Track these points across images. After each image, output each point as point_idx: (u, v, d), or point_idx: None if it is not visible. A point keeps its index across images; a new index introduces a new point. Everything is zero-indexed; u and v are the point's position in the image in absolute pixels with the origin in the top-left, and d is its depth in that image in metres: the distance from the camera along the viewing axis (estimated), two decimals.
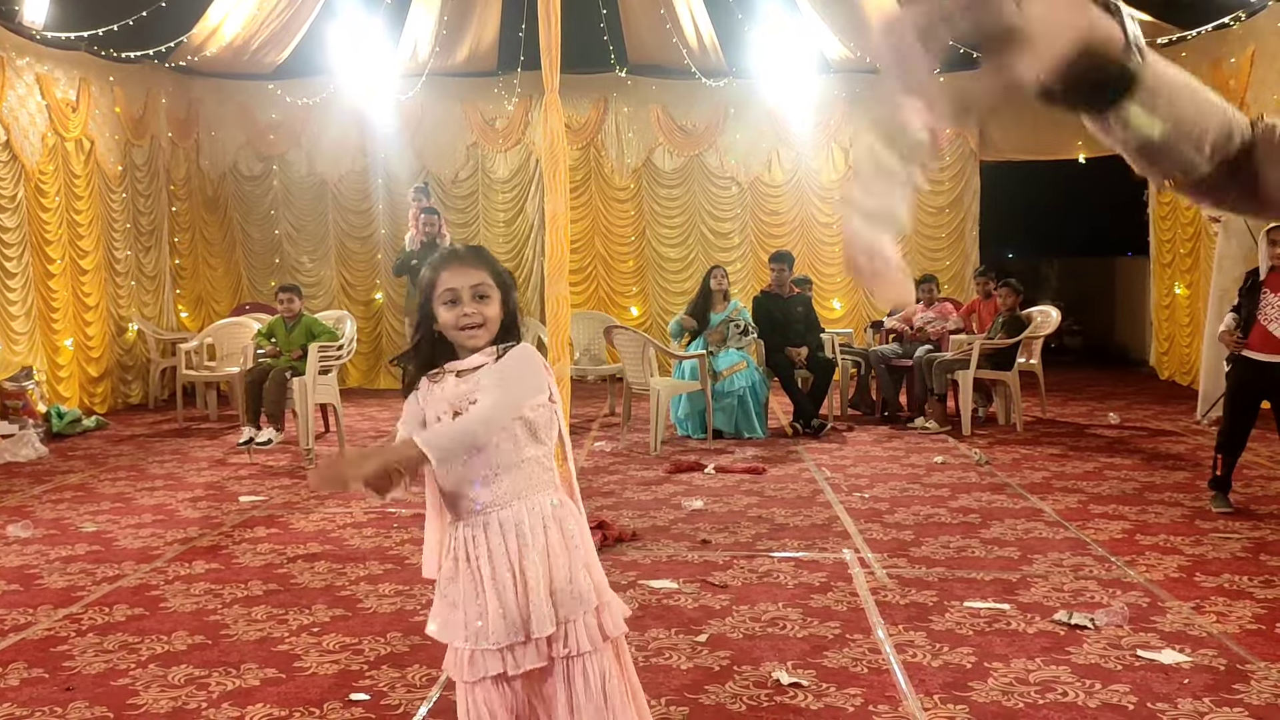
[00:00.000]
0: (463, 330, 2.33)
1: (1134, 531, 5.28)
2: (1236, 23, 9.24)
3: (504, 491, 2.32)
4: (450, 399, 2.32)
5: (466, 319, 2.32)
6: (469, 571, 2.31)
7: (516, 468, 2.32)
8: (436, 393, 2.35)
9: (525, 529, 2.31)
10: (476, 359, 2.35)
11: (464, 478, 2.32)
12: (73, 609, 4.36)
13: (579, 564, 2.34)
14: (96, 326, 10.16)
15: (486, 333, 2.34)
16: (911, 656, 3.70)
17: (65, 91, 9.75)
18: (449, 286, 2.34)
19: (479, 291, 2.34)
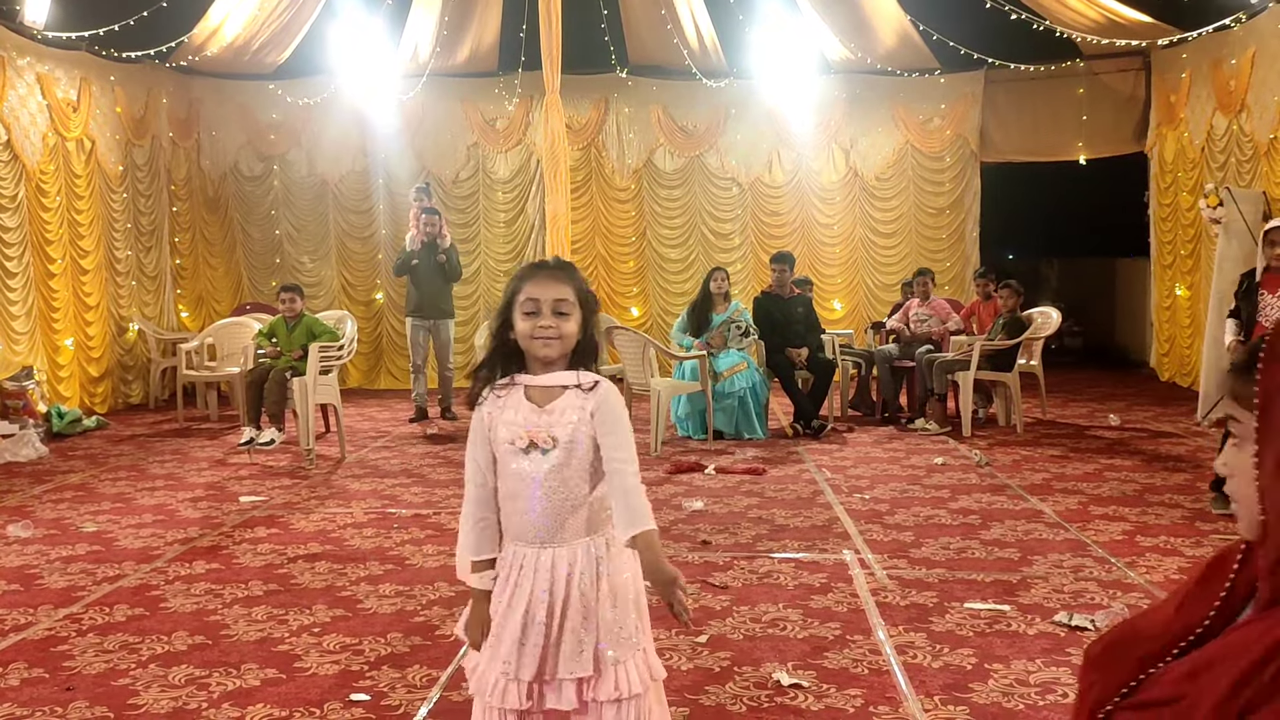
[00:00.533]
0: (536, 340, 2.29)
1: (1134, 533, 5.28)
2: (1237, 24, 9.25)
3: (565, 529, 2.30)
4: (528, 427, 2.28)
5: (543, 330, 2.28)
6: (507, 595, 2.30)
7: (582, 507, 2.31)
8: (510, 415, 2.31)
9: (577, 570, 2.29)
10: (555, 378, 2.32)
11: (524, 502, 2.30)
12: (73, 609, 4.36)
13: (629, 606, 2.32)
14: (97, 326, 10.16)
15: (561, 347, 2.30)
16: (912, 658, 3.70)
17: (66, 91, 9.76)
18: (531, 296, 2.30)
19: (559, 307, 2.29)
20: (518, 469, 2.30)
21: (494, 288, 12.20)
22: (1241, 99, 9.36)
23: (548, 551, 2.30)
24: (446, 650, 3.85)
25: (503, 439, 2.31)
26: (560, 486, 2.28)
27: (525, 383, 2.33)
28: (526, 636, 2.26)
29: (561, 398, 2.30)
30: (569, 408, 2.29)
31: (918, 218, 12.03)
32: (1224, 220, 8.51)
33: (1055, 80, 11.59)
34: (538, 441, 2.27)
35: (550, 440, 2.27)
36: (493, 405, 2.35)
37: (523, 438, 2.28)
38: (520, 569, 2.31)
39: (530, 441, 2.27)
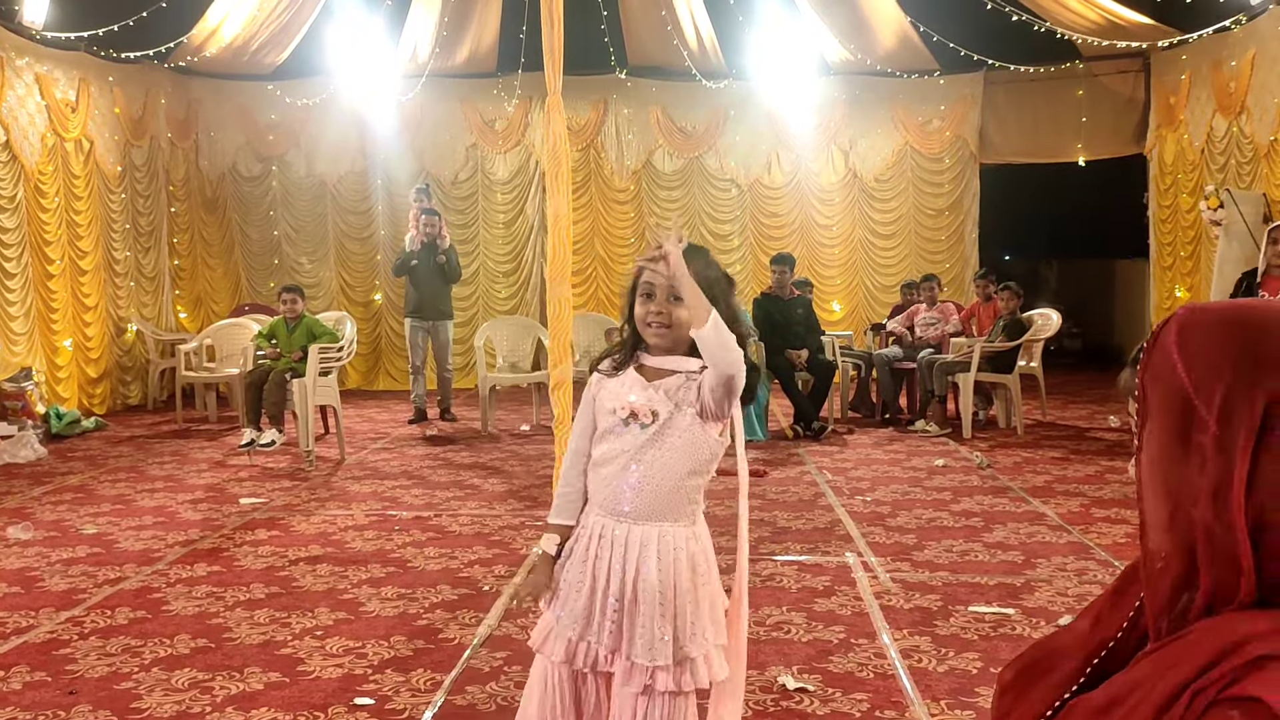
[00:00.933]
0: (649, 326, 2.25)
1: (1137, 536, 5.26)
2: (1237, 26, 9.25)
3: (647, 506, 2.25)
4: (630, 399, 2.24)
5: (655, 316, 2.24)
6: (589, 565, 2.27)
7: (670, 489, 2.25)
8: (615, 385, 2.29)
9: (651, 555, 2.24)
10: (671, 361, 2.26)
11: (614, 470, 2.27)
12: (74, 611, 4.34)
13: (704, 602, 2.28)
14: (95, 327, 10.14)
15: (672, 334, 2.24)
16: (917, 661, 3.69)
17: (65, 92, 9.73)
18: (648, 280, 2.25)
19: (675, 292, 2.21)
20: (614, 439, 2.27)
21: (493, 289, 12.20)
22: (1241, 101, 9.36)
23: (633, 527, 2.25)
24: (450, 654, 3.84)
25: (605, 406, 2.29)
26: (654, 463, 2.23)
27: (642, 360, 2.31)
28: (604, 609, 2.24)
29: (671, 378, 2.26)
30: (677, 388, 2.24)
31: (917, 219, 12.03)
32: (1225, 222, 8.52)
33: (1054, 82, 11.60)
34: (638, 413, 2.23)
35: (650, 415, 2.23)
36: (605, 373, 2.33)
37: (624, 408, 2.24)
38: (600, 539, 2.27)
39: (630, 413, 2.24)
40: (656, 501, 2.25)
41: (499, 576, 4.77)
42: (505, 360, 9.47)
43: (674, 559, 2.25)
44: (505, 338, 9.55)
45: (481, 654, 3.84)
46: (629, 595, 2.23)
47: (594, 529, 2.30)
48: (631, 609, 2.23)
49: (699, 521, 2.32)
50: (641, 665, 2.22)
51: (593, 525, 2.30)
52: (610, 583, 2.25)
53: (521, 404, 10.28)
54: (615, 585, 2.24)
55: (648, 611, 2.22)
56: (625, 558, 2.25)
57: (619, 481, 2.26)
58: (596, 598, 2.25)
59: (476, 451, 7.94)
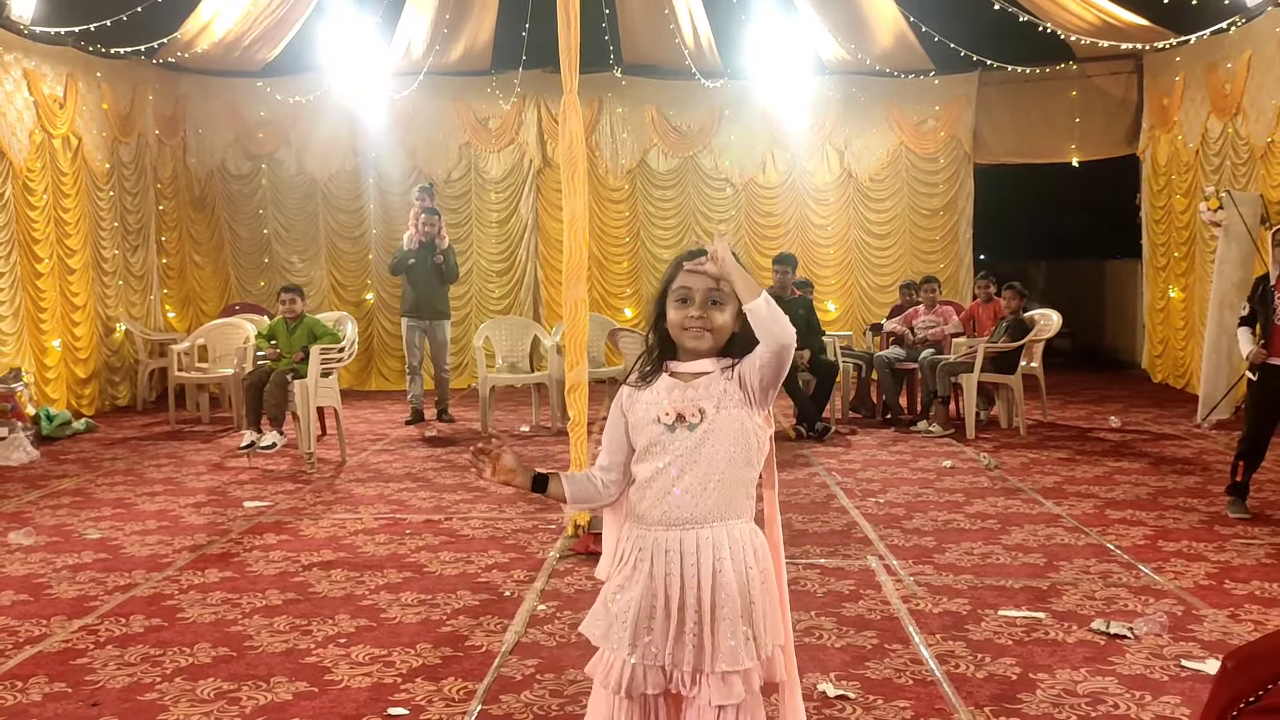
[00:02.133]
0: (686, 330, 2.21)
1: (1155, 537, 5.27)
2: (1233, 28, 9.28)
3: (710, 507, 2.20)
4: (673, 403, 2.20)
5: (693, 320, 2.20)
6: (648, 584, 2.19)
7: (730, 485, 2.21)
8: (650, 394, 2.24)
9: (725, 554, 2.19)
10: (699, 364, 2.24)
11: (668, 481, 2.20)
12: (88, 620, 4.24)
13: (771, 598, 2.24)
14: (84, 327, 9.98)
15: (712, 340, 2.21)
16: (955, 667, 3.65)
17: (53, 88, 9.56)
18: (684, 284, 2.22)
19: (714, 296, 2.20)
20: (662, 450, 2.21)
21: (486, 288, 12.11)
22: (1237, 102, 9.40)
23: (701, 532, 2.20)
24: (479, 661, 3.77)
25: (646, 417, 2.23)
26: (712, 461, 2.19)
27: (671, 367, 2.27)
28: (680, 626, 2.17)
29: (705, 377, 2.23)
30: (714, 382, 2.22)
31: (912, 219, 12.03)
32: (1224, 223, 8.54)
33: (1048, 82, 11.62)
34: (685, 415, 2.19)
35: (698, 413, 2.19)
36: (636, 385, 2.28)
37: (669, 413, 2.20)
38: (667, 554, 2.20)
39: (678, 415, 2.20)
40: (720, 500, 2.21)
41: (519, 581, 4.70)
42: (504, 360, 9.39)
43: (744, 556, 2.22)
44: (504, 338, 9.47)
45: (511, 661, 3.77)
46: (708, 604, 2.17)
47: (655, 546, 2.22)
48: (713, 618, 2.17)
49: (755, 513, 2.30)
50: (727, 674, 2.16)
51: (653, 543, 2.22)
52: (686, 596, 2.18)
53: (519, 404, 10.20)
54: (693, 598, 2.18)
55: (729, 616, 2.17)
56: (700, 564, 2.19)
57: (677, 489, 2.20)
58: (672, 617, 2.18)
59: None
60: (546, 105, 11.77)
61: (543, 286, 12.14)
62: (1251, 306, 5.63)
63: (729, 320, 2.22)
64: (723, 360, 2.23)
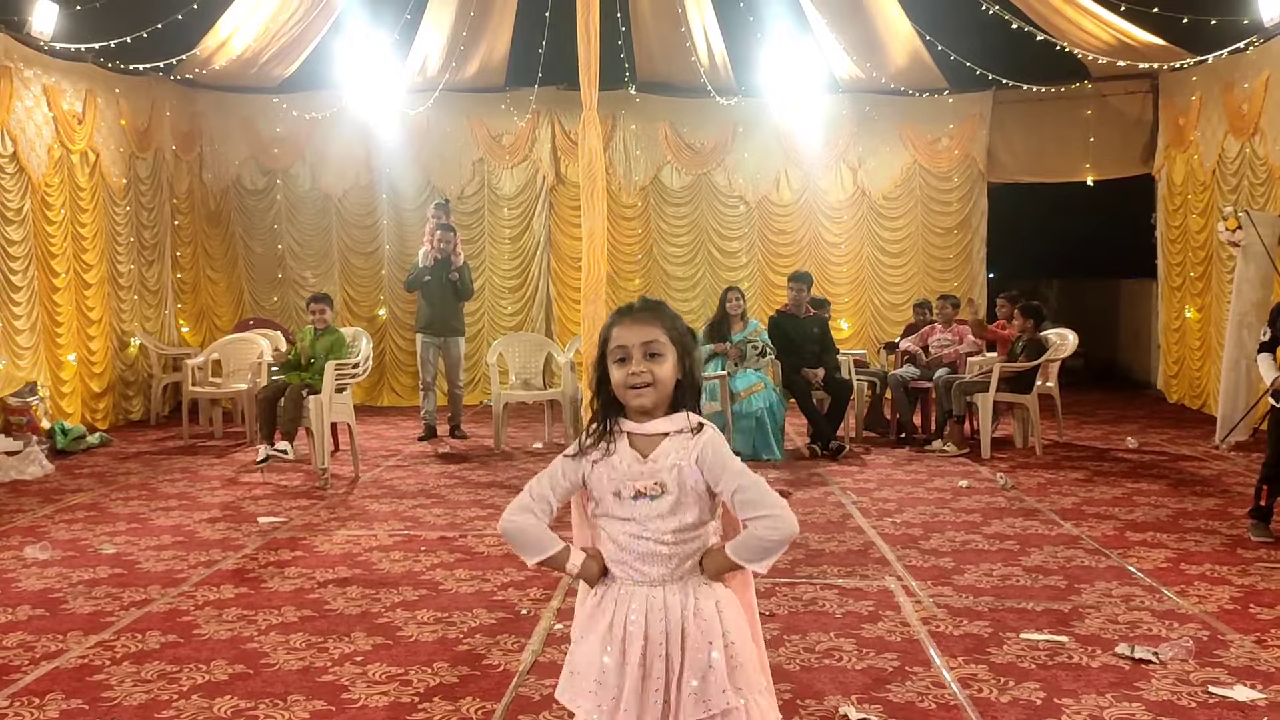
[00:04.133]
0: (630, 389, 2.22)
1: (1177, 560, 5.22)
2: (1251, 48, 9.26)
3: (680, 569, 2.24)
4: (632, 478, 2.22)
5: (635, 377, 2.21)
6: (609, 640, 2.22)
7: (695, 545, 2.25)
8: (613, 464, 2.24)
9: (692, 607, 2.22)
10: (657, 425, 2.25)
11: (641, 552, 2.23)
12: (104, 635, 4.23)
13: (749, 643, 2.26)
14: (99, 341, 10.00)
15: (655, 393, 2.23)
16: (978, 691, 3.61)
17: (72, 103, 9.62)
18: (619, 343, 2.23)
19: (650, 349, 2.22)
20: (627, 517, 2.24)
21: (498, 305, 12.11)
22: (1255, 123, 9.36)
23: (659, 590, 2.23)
24: (497, 681, 3.74)
25: (607, 490, 2.25)
26: (674, 530, 2.23)
27: (628, 430, 2.26)
28: (646, 682, 2.18)
29: (664, 443, 2.24)
30: (671, 452, 2.23)
31: (925, 237, 12.01)
32: (1242, 243, 8.50)
33: (1063, 101, 11.60)
34: (645, 490, 2.22)
35: (657, 487, 2.22)
36: (595, 454, 2.27)
37: (629, 488, 2.22)
38: (631, 606, 2.23)
39: (637, 490, 2.22)
40: (684, 563, 2.25)
41: (535, 600, 4.67)
42: (518, 377, 9.38)
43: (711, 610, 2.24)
44: (517, 354, 9.46)
45: (530, 681, 3.74)
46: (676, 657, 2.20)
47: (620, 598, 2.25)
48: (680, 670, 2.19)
49: None
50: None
51: (618, 594, 2.26)
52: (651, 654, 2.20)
53: (531, 421, 10.18)
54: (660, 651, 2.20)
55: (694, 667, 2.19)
56: (667, 621, 2.21)
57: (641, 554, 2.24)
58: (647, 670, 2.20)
59: (492, 470, 7.84)
60: (560, 122, 11.80)
61: (555, 303, 12.15)
62: (1274, 332, 5.58)
63: (669, 371, 2.23)
64: (676, 419, 2.25)
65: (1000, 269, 13.58)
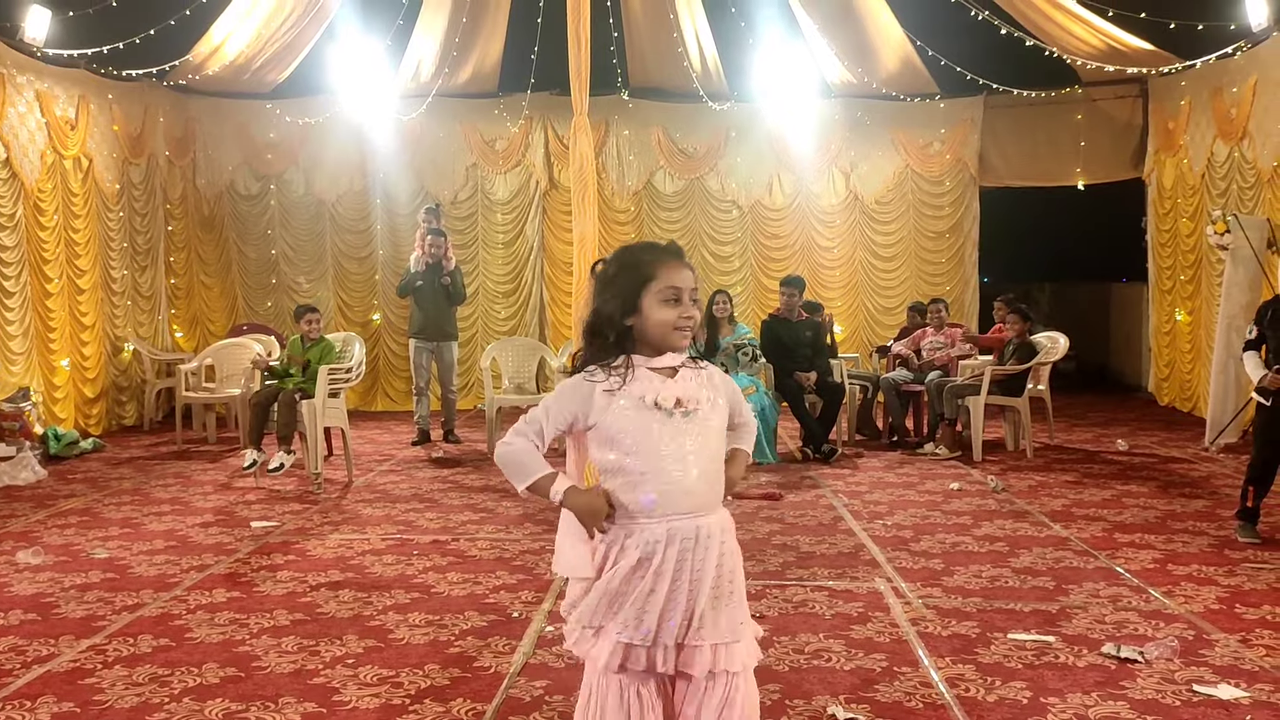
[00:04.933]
0: (677, 330, 2.28)
1: (1165, 561, 5.25)
2: (1239, 52, 9.32)
3: (711, 494, 2.33)
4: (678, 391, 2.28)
5: (685, 320, 2.28)
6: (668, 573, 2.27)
7: (720, 472, 2.36)
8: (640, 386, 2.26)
9: (723, 537, 2.33)
10: (665, 360, 2.32)
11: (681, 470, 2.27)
12: (95, 639, 4.24)
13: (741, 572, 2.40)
14: (93, 347, 10.01)
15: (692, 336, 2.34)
16: (965, 691, 3.64)
17: (64, 109, 9.64)
18: (673, 284, 2.27)
19: (693, 295, 2.31)
20: (663, 430, 2.26)
21: (492, 310, 12.14)
22: (1243, 127, 9.42)
23: (700, 521, 2.30)
24: (488, 683, 3.76)
25: (641, 405, 2.25)
26: (705, 446, 2.30)
27: (641, 364, 2.30)
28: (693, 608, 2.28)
29: (681, 372, 2.32)
30: (693, 377, 2.33)
31: (918, 241, 12.05)
32: (1231, 246, 8.55)
33: (1054, 106, 11.66)
34: (684, 400, 2.27)
35: (695, 401, 2.29)
36: (612, 379, 2.27)
37: (668, 398, 2.26)
38: (681, 542, 2.28)
39: (677, 399, 2.27)
40: (714, 487, 2.33)
41: (527, 603, 4.69)
42: (511, 381, 9.40)
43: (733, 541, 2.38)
44: (510, 359, 9.48)
45: (520, 683, 3.76)
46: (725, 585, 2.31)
47: (667, 536, 2.27)
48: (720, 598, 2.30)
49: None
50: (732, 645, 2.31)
51: (657, 535, 2.27)
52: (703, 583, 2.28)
53: None
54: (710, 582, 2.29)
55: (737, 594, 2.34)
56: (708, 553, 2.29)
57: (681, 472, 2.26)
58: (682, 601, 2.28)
59: (485, 474, 7.86)
60: (554, 127, 11.83)
61: (549, 308, 12.17)
62: (1260, 330, 5.62)
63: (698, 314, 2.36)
64: (679, 356, 2.33)
65: (992, 273, 13.65)
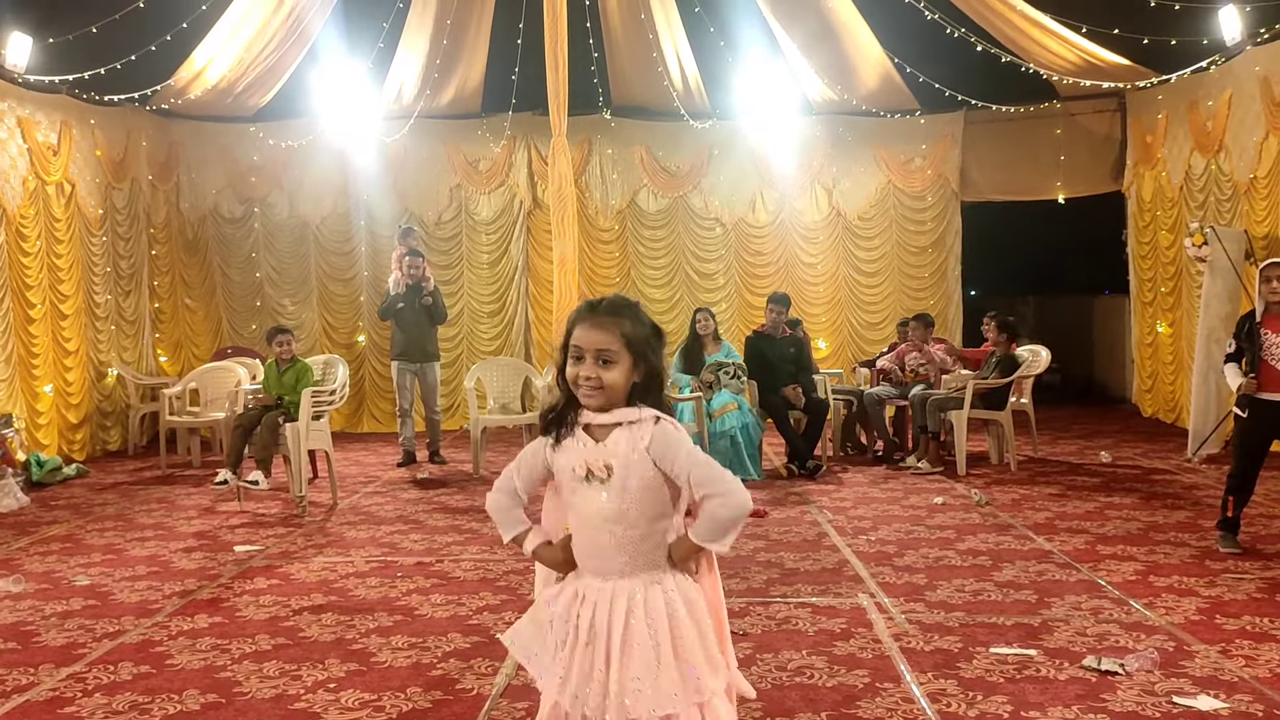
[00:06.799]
0: (579, 388, 2.31)
1: (1146, 573, 5.27)
2: (1213, 67, 9.42)
3: (628, 561, 2.32)
4: (585, 458, 2.31)
5: (585, 380, 2.30)
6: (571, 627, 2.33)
7: (644, 540, 2.32)
8: (568, 447, 2.34)
9: (640, 603, 2.30)
10: (611, 415, 2.31)
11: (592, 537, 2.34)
12: (75, 667, 4.22)
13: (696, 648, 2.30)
14: (76, 372, 9.98)
15: (604, 395, 2.29)
16: (946, 706, 3.65)
17: (47, 135, 9.63)
18: (576, 343, 2.31)
19: (603, 356, 2.28)
20: (581, 498, 2.34)
21: (477, 330, 12.14)
22: (1219, 140, 9.51)
23: (610, 583, 2.32)
24: (470, 705, 3.76)
25: (564, 468, 2.35)
26: (620, 516, 2.30)
27: (585, 420, 2.35)
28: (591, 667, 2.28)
29: (615, 432, 2.32)
30: (622, 440, 2.30)
31: (900, 257, 12.10)
32: (1209, 258, 8.62)
33: (1033, 121, 11.75)
34: (594, 470, 2.30)
35: (605, 469, 2.29)
36: (553, 448, 2.38)
37: (581, 465, 2.32)
38: (582, 600, 2.34)
39: (588, 470, 2.30)
40: (632, 554, 2.32)
41: (510, 624, 4.67)
42: (496, 401, 9.40)
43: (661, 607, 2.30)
44: (495, 379, 9.49)
45: (502, 705, 3.76)
46: (616, 652, 2.26)
47: (577, 592, 2.36)
48: (623, 664, 2.26)
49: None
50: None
51: (576, 588, 2.37)
52: (595, 640, 2.29)
53: (510, 445, 10.19)
54: (601, 642, 2.28)
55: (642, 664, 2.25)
56: (612, 613, 2.29)
57: (593, 539, 2.34)
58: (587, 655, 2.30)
59: (470, 494, 7.85)
60: (536, 147, 11.86)
61: (534, 327, 12.18)
62: (1238, 344, 5.66)
63: (619, 378, 2.29)
64: (629, 411, 2.30)
65: (976, 287, 13.71)
